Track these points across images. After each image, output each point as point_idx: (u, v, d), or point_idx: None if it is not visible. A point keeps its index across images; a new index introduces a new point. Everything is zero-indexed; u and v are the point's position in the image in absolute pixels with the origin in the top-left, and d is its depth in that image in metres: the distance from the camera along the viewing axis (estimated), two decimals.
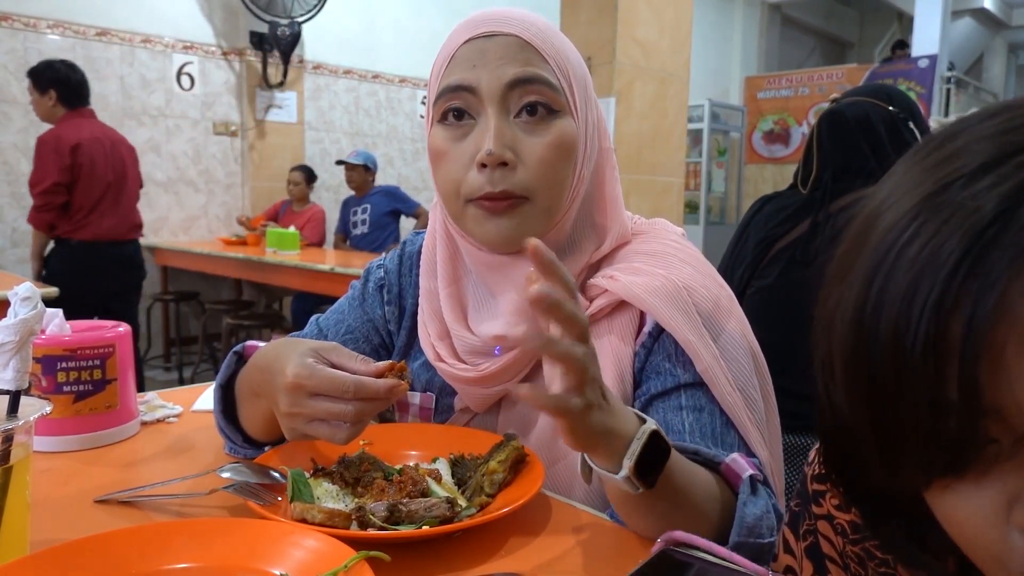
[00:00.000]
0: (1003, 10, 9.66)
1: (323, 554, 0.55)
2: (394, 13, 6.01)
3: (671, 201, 3.90)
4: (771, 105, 8.27)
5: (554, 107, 0.75)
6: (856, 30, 10.87)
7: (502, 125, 0.74)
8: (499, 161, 0.73)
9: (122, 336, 0.90)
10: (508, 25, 0.75)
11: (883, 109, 1.51)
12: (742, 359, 0.78)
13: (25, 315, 0.57)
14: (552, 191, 0.76)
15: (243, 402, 0.81)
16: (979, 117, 0.38)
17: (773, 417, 0.83)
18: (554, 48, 0.76)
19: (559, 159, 0.75)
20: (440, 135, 0.77)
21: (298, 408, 0.67)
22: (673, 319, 0.75)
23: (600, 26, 3.50)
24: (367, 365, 0.69)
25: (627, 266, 0.81)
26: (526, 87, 0.74)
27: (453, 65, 0.76)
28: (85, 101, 3.47)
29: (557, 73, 0.75)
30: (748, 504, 0.64)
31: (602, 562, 0.62)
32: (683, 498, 0.62)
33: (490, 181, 0.74)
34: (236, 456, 0.83)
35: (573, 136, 0.76)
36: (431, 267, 0.87)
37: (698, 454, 0.69)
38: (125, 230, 3.59)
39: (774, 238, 1.54)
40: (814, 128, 1.59)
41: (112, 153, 3.46)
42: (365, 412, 0.67)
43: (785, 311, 1.46)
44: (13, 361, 0.57)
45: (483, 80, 0.74)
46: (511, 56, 0.74)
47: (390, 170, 6.18)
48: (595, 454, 0.58)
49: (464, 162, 0.75)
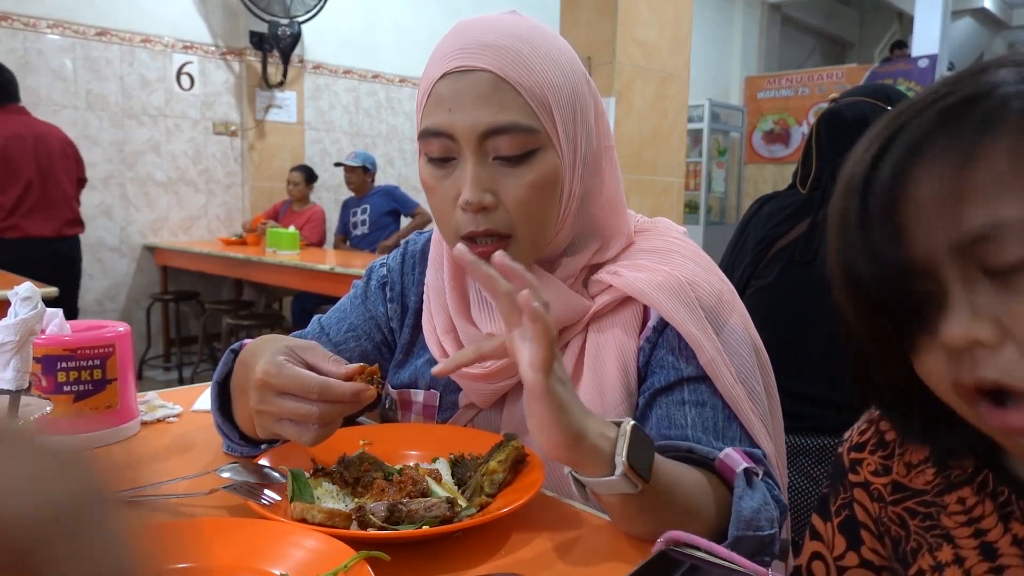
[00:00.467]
0: (1003, 10, 9.66)
1: (323, 554, 0.55)
2: (394, 13, 6.00)
3: (671, 201, 3.90)
4: (771, 105, 8.27)
5: (532, 147, 0.74)
6: (856, 30, 10.87)
7: (479, 172, 0.74)
8: (478, 207, 0.74)
9: (122, 336, 0.90)
10: (481, 57, 0.73)
11: (882, 109, 1.51)
12: (745, 353, 0.79)
13: (25, 315, 0.57)
14: (535, 227, 0.77)
15: (235, 399, 0.81)
16: None
17: (776, 411, 0.84)
18: (532, 77, 0.73)
19: (540, 196, 0.75)
20: (427, 171, 0.79)
21: (265, 406, 0.67)
22: (677, 313, 0.76)
23: (600, 26, 3.50)
24: (338, 367, 0.69)
25: (631, 263, 0.82)
26: (499, 136, 0.73)
27: (431, 104, 0.76)
28: (13, 98, 3.41)
29: (534, 107, 0.73)
30: (744, 498, 0.65)
31: (602, 562, 0.62)
32: (675, 494, 0.63)
33: (473, 222, 0.75)
34: (234, 455, 0.83)
35: (555, 169, 0.76)
36: (439, 260, 0.88)
37: (692, 452, 0.70)
38: (58, 227, 3.47)
39: (773, 238, 1.54)
40: (813, 128, 1.59)
41: (36, 148, 3.36)
42: (331, 414, 0.67)
43: (784, 311, 1.46)
44: (13, 361, 0.57)
45: (458, 126, 0.73)
46: (485, 98, 0.72)
47: (390, 170, 6.18)
48: (582, 466, 0.60)
49: (450, 200, 0.76)
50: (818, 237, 1.46)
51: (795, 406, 1.06)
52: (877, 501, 0.61)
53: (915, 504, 0.58)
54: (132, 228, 4.87)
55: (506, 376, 0.81)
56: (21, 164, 3.34)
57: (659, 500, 0.62)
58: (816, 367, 1.41)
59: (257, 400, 0.68)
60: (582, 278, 0.82)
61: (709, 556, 0.55)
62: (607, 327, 0.80)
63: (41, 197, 3.41)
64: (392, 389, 0.93)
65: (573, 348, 0.81)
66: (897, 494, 0.59)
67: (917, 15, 7.28)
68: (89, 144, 4.59)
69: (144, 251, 4.94)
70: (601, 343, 0.79)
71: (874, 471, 0.61)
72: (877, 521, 0.61)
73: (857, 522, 0.63)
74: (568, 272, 0.81)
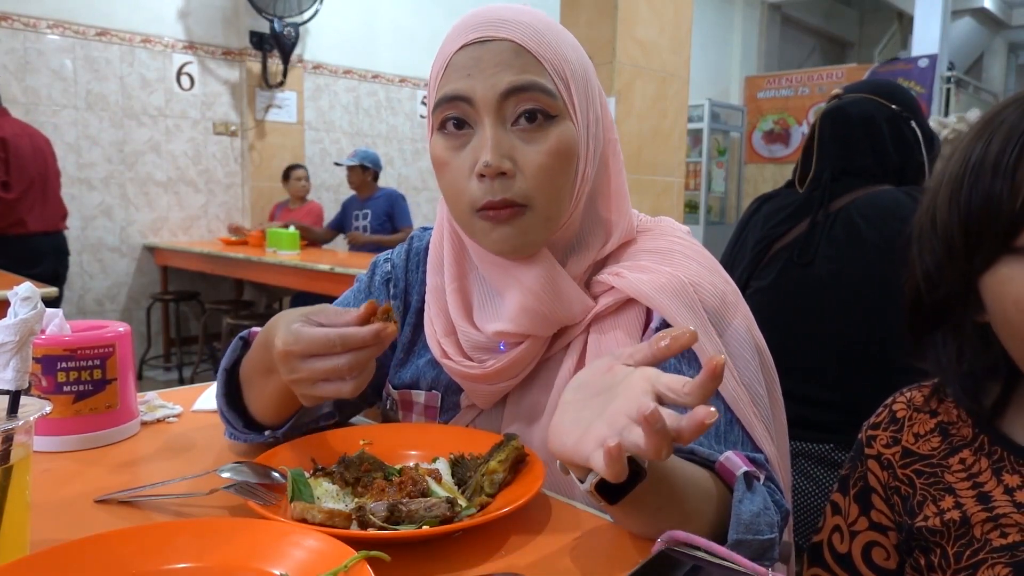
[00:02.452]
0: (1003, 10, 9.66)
1: (323, 554, 0.55)
2: (394, 13, 6.00)
3: (671, 201, 3.90)
4: (771, 105, 8.27)
5: (551, 113, 0.74)
6: (856, 30, 10.86)
7: (499, 135, 0.73)
8: (497, 172, 0.73)
9: (122, 336, 0.90)
10: (503, 29, 0.74)
11: (886, 107, 1.49)
12: (748, 355, 0.79)
13: (25, 315, 0.57)
14: (553, 198, 0.76)
15: (250, 383, 0.81)
16: None
17: (779, 413, 0.83)
18: (551, 49, 0.75)
19: (559, 165, 0.75)
20: (440, 144, 0.77)
21: (296, 374, 0.68)
22: (679, 315, 0.75)
23: (600, 26, 3.50)
24: (351, 315, 0.69)
25: (633, 264, 0.81)
26: (521, 95, 0.73)
27: (449, 73, 0.75)
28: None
29: (554, 77, 0.74)
30: (744, 501, 0.64)
31: (602, 562, 0.62)
32: (673, 497, 0.62)
33: (491, 191, 0.74)
34: (235, 441, 0.84)
35: (572, 140, 0.76)
36: (438, 263, 0.88)
37: (694, 454, 0.69)
38: (56, 221, 3.75)
39: (773, 238, 1.53)
40: (814, 125, 1.56)
41: (33, 148, 3.57)
42: (361, 361, 0.67)
43: (784, 312, 1.45)
44: (13, 361, 0.57)
45: (478, 90, 0.73)
46: (506, 63, 0.73)
47: (390, 170, 6.18)
48: None
49: (465, 172, 0.75)
50: (818, 238, 1.45)
51: (794, 407, 1.05)
52: (887, 469, 0.74)
53: (921, 466, 0.71)
54: (132, 228, 4.87)
55: (507, 377, 0.81)
56: (29, 162, 3.53)
57: (655, 503, 0.61)
58: (815, 368, 1.40)
59: (287, 371, 0.68)
60: (585, 278, 0.82)
61: (709, 556, 0.55)
62: (609, 328, 0.79)
63: (42, 193, 3.62)
64: (393, 389, 0.92)
65: (575, 349, 0.80)
66: (906, 459, 0.73)
67: (917, 15, 7.27)
68: (89, 144, 4.60)
69: (144, 251, 4.94)
70: (604, 345, 0.79)
71: (885, 444, 0.75)
72: (885, 487, 0.74)
73: (869, 488, 0.76)
74: (576, 270, 0.81)
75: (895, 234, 1.35)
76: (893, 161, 1.47)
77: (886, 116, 1.48)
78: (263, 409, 0.81)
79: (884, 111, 1.49)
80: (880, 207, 1.40)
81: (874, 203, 1.41)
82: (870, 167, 1.46)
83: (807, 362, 1.40)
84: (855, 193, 1.44)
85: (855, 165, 1.47)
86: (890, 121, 1.47)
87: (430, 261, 0.90)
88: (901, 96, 1.51)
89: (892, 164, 1.46)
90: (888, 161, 1.47)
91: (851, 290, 1.39)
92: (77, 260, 4.64)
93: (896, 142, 1.46)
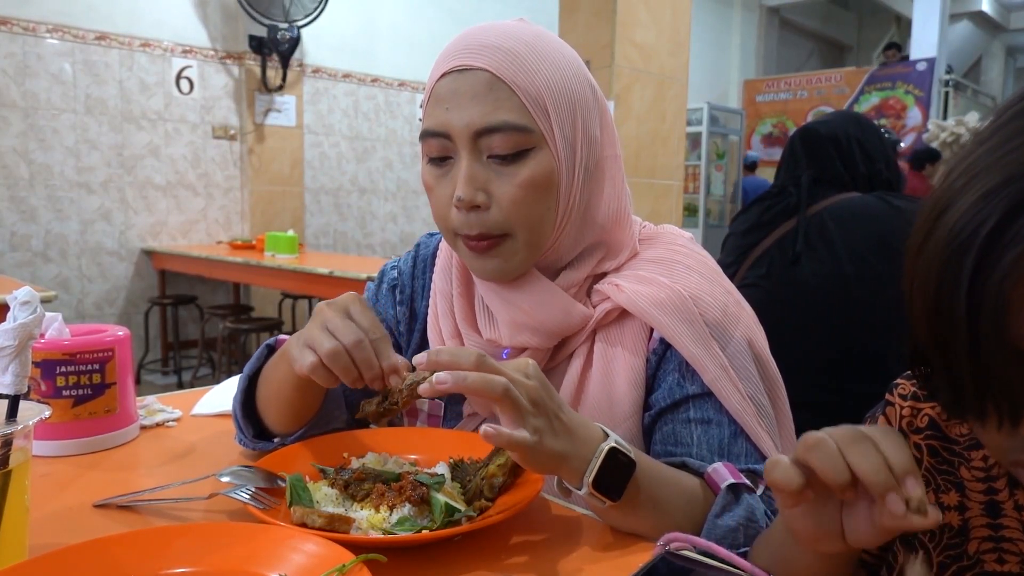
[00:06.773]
0: (1001, 13, 9.69)
1: (322, 558, 0.55)
2: (393, 17, 6.01)
3: (670, 204, 3.90)
4: (769, 108, 8.28)
5: (525, 147, 0.74)
6: (854, 33, 10.89)
7: (473, 169, 0.75)
8: (471, 205, 0.75)
9: (121, 340, 0.89)
10: (480, 57, 0.73)
11: (853, 128, 1.65)
12: (751, 367, 0.79)
13: (24, 319, 0.57)
14: (533, 226, 0.77)
15: (268, 387, 0.82)
16: None
17: (786, 421, 0.83)
18: (528, 77, 0.74)
19: (534, 196, 0.75)
20: (427, 170, 0.80)
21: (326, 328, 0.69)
22: (678, 333, 0.76)
23: (598, 30, 3.51)
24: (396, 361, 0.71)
25: (632, 273, 0.81)
26: (491, 136, 0.73)
27: (432, 104, 0.77)
28: None
29: (529, 107, 0.73)
30: (724, 515, 0.67)
31: (601, 566, 0.62)
32: (659, 503, 0.66)
33: (467, 224, 0.76)
34: (243, 447, 0.85)
35: (550, 169, 0.76)
36: (447, 265, 0.89)
37: (685, 465, 0.71)
38: None
39: (755, 241, 1.63)
40: (789, 141, 1.74)
41: None
42: (360, 360, 0.68)
43: (770, 313, 1.47)
44: (12, 365, 0.57)
45: (455, 125, 0.74)
46: (480, 97, 0.73)
47: (389, 174, 6.18)
48: (560, 475, 0.63)
49: (447, 199, 0.77)
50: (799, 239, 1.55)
51: None
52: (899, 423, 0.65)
53: (940, 445, 0.63)
54: (131, 232, 4.87)
55: None
56: None
57: (641, 509, 0.65)
58: (805, 371, 1.42)
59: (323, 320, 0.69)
60: (586, 287, 0.82)
61: (710, 559, 0.55)
62: (614, 341, 0.79)
63: None
64: None
65: (579, 357, 0.80)
66: (929, 430, 0.63)
67: (915, 18, 7.30)
68: (88, 148, 4.60)
69: (142, 255, 4.93)
70: (609, 357, 0.79)
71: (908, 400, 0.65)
72: None
73: None
74: (570, 282, 0.81)
75: (866, 235, 1.50)
76: (861, 172, 1.63)
77: (853, 135, 1.65)
78: (277, 415, 0.81)
79: (851, 130, 1.65)
80: (850, 210, 1.54)
81: (846, 207, 1.55)
82: (841, 176, 1.62)
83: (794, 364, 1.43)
84: (832, 198, 1.58)
85: (827, 174, 1.62)
86: (856, 139, 1.65)
87: (439, 264, 0.91)
88: (868, 128, 1.68)
89: (860, 174, 1.63)
90: (856, 171, 1.62)
91: (828, 289, 1.50)
92: (76, 264, 4.64)
93: (863, 156, 1.63)
